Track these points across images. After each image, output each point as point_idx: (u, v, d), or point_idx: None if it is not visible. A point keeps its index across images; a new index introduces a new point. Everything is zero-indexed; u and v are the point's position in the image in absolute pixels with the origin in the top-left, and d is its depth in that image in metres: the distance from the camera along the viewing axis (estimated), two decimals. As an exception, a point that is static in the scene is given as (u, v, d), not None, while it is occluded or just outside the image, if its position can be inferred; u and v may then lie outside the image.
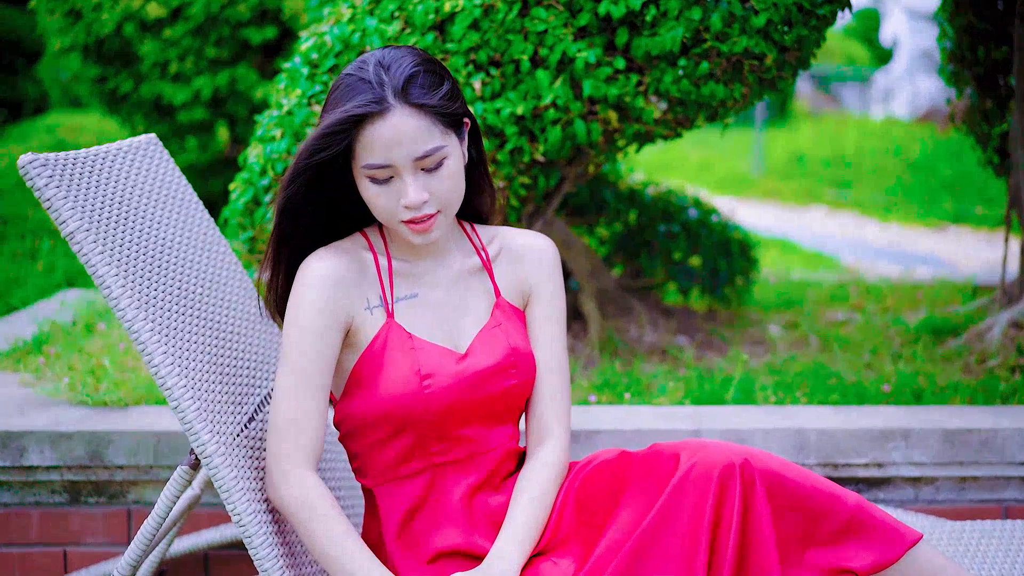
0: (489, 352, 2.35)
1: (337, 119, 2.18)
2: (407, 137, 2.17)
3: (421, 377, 2.27)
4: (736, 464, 2.07)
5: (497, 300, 2.42)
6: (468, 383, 2.31)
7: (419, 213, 2.23)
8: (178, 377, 2.34)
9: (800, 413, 3.37)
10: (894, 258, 9.41)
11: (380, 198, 2.24)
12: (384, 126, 2.17)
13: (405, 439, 2.32)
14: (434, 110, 2.19)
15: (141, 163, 2.75)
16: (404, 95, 2.17)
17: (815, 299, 5.22)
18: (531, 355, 2.40)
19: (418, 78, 2.20)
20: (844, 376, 3.86)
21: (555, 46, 3.38)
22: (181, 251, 2.66)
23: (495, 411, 2.37)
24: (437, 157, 2.21)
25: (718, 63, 3.41)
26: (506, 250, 2.47)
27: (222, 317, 2.68)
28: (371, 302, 2.34)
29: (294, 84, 3.67)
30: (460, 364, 2.32)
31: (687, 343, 4.40)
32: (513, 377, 2.36)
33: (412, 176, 2.21)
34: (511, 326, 2.40)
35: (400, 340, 2.31)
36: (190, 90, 6.86)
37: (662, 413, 3.35)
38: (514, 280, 2.46)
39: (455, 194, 2.27)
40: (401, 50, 2.25)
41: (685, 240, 4.70)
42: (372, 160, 2.20)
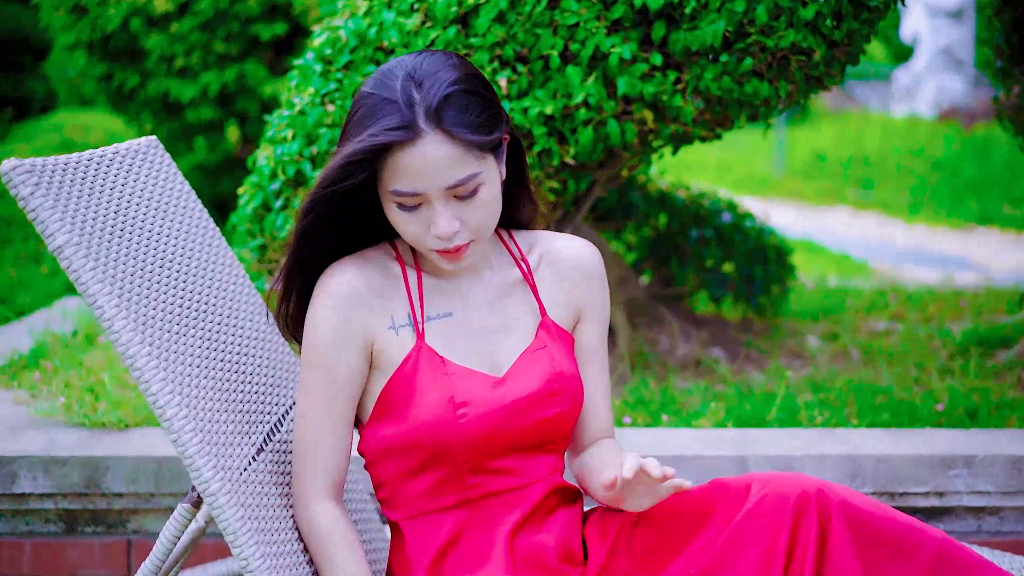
0: (530, 377, 2.12)
1: (359, 148, 1.95)
2: (439, 166, 1.94)
3: (455, 405, 2.06)
4: (811, 494, 1.91)
5: (543, 319, 2.19)
6: (506, 411, 2.09)
7: (451, 244, 2.01)
8: (178, 407, 2.12)
9: (852, 437, 3.13)
10: (922, 260, 9.16)
11: (408, 225, 2.03)
12: (414, 153, 1.94)
13: (438, 471, 2.11)
14: (472, 134, 1.96)
15: (140, 168, 2.52)
16: (437, 119, 1.93)
17: (853, 308, 4.97)
18: (578, 380, 2.17)
19: (455, 99, 1.95)
20: (893, 393, 3.61)
21: (587, 41, 3.14)
22: (183, 265, 2.43)
23: (536, 441, 2.15)
24: (471, 185, 1.98)
25: (762, 59, 3.17)
26: (548, 259, 2.23)
27: (228, 337, 2.45)
28: (397, 320, 2.12)
29: (306, 82, 3.44)
30: (497, 390, 2.10)
31: (722, 356, 4.16)
32: (556, 405, 2.13)
33: (443, 205, 1.98)
34: (556, 348, 2.17)
35: (432, 365, 2.09)
36: (197, 86, 6.63)
37: (703, 437, 3.11)
38: (561, 296, 2.22)
39: (490, 221, 2.04)
40: (435, 60, 2.00)
41: (718, 246, 4.46)
42: (399, 187, 1.98)
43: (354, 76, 3.32)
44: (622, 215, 4.49)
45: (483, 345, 2.14)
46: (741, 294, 4.52)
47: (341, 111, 3.30)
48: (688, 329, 4.31)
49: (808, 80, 3.31)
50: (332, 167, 1.98)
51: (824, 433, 3.15)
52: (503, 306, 2.17)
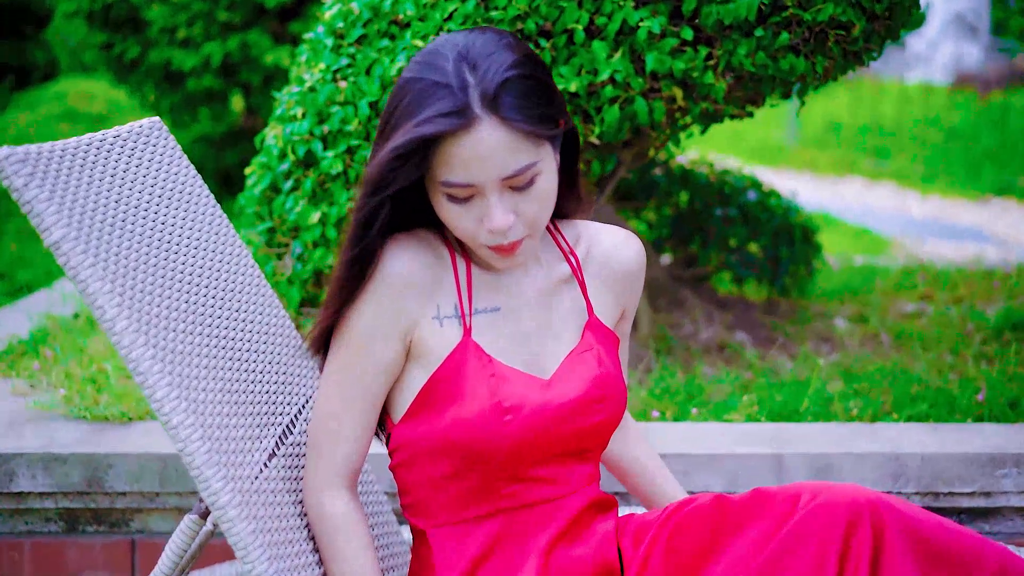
0: (576, 381, 1.97)
1: (409, 139, 1.77)
2: (495, 154, 1.78)
3: (502, 411, 1.91)
4: (864, 505, 1.79)
5: (590, 318, 2.04)
6: (552, 417, 1.94)
7: (505, 240, 1.86)
8: (184, 413, 1.98)
9: (892, 432, 2.97)
10: (940, 232, 8.99)
11: (459, 219, 1.86)
12: (467, 141, 1.77)
13: (473, 478, 1.96)
14: (530, 122, 1.79)
15: (143, 153, 2.37)
16: (494, 105, 1.77)
17: (880, 288, 4.81)
18: (623, 385, 2.03)
19: (513, 84, 1.78)
20: (929, 382, 3.46)
21: (614, 14, 2.97)
22: (189, 257, 2.28)
23: (577, 449, 2.00)
24: (529, 175, 1.82)
25: (799, 33, 3.00)
26: (595, 254, 2.08)
27: (237, 333, 2.31)
28: (442, 311, 1.96)
29: (317, 57, 3.28)
30: (544, 394, 1.95)
31: (747, 340, 4.01)
32: (601, 411, 1.98)
33: (498, 196, 1.82)
34: (603, 350, 2.02)
35: (479, 363, 1.94)
36: (199, 56, 6.43)
37: (735, 432, 2.96)
38: (608, 295, 2.08)
39: (545, 214, 1.88)
40: (488, 40, 1.83)
41: (743, 225, 4.29)
42: (451, 178, 1.81)
43: (367, 51, 3.16)
44: (643, 193, 4.32)
45: (528, 344, 1.99)
46: (765, 275, 4.35)
47: (353, 88, 3.14)
48: (711, 312, 4.15)
49: (846, 55, 3.14)
50: (379, 165, 1.81)
51: (862, 428, 3.00)
52: (550, 303, 2.02)
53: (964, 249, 8.00)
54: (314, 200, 3.18)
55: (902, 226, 9.15)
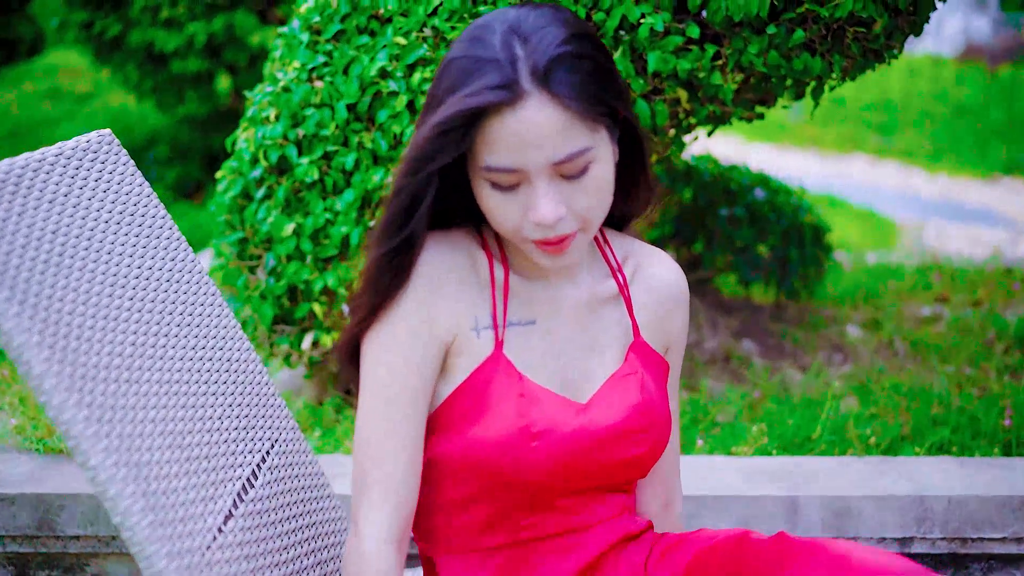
0: (616, 407, 1.75)
1: (453, 112, 1.57)
2: (544, 135, 1.57)
3: (530, 435, 1.69)
4: None
5: (635, 340, 1.82)
6: (585, 445, 1.72)
7: (553, 233, 1.62)
8: (124, 482, 1.76)
9: (914, 469, 2.73)
10: (947, 213, 8.75)
11: (502, 209, 1.64)
12: (514, 119, 1.57)
13: (490, 506, 1.75)
14: (584, 102, 1.58)
15: (88, 172, 2.13)
16: (545, 80, 1.57)
17: (894, 289, 4.56)
18: (667, 414, 1.80)
19: (566, 59, 1.58)
20: (950, 401, 3.22)
21: (613, 10, 2.72)
22: (138, 291, 2.05)
23: (611, 482, 1.79)
24: (582, 162, 1.60)
25: (815, 30, 2.74)
26: (643, 276, 1.86)
27: (192, 376, 2.08)
28: (480, 321, 1.75)
29: (292, 54, 3.02)
30: (578, 419, 1.72)
31: (754, 349, 3.77)
32: (643, 442, 1.76)
33: (546, 184, 1.60)
34: (649, 376, 1.80)
35: (508, 380, 1.72)
36: (183, 36, 6.16)
37: (745, 468, 2.72)
38: (655, 320, 1.86)
39: (601, 209, 1.65)
40: (542, 14, 1.63)
41: (750, 225, 4.03)
42: (495, 162, 1.59)
43: (345, 48, 2.90)
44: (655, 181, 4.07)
45: (564, 363, 1.78)
46: (773, 277, 4.10)
47: (330, 88, 2.88)
48: (716, 318, 3.91)
49: (866, 53, 2.88)
50: (421, 140, 1.61)
51: (882, 463, 2.76)
52: (592, 321, 1.81)
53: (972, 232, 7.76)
54: (288, 210, 2.93)
55: (908, 207, 8.90)
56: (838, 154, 11.31)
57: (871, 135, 11.74)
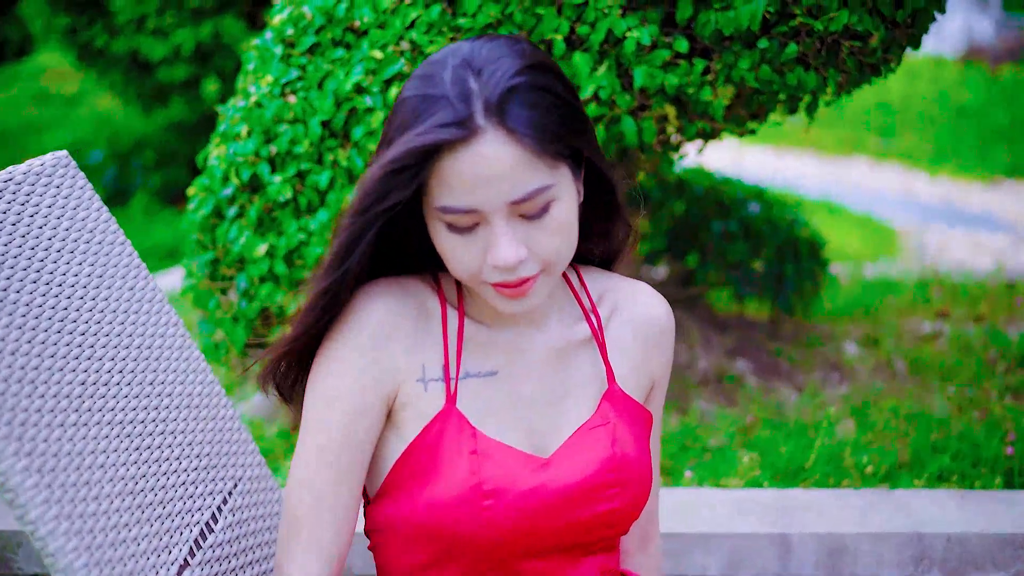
0: (584, 461, 1.63)
1: (404, 151, 1.47)
2: (501, 173, 1.48)
3: (483, 494, 1.57)
4: None
5: (609, 387, 1.69)
6: (546, 503, 1.60)
7: (513, 276, 1.51)
8: (66, 536, 1.66)
9: (913, 503, 2.61)
10: (948, 218, 8.62)
11: (459, 252, 1.53)
12: (468, 157, 1.47)
13: (452, 570, 1.64)
14: (542, 137, 1.47)
15: (41, 198, 2.03)
16: (500, 114, 1.47)
17: (893, 305, 4.44)
18: (647, 468, 1.68)
19: (522, 92, 1.49)
20: (950, 425, 3.11)
21: (598, 23, 2.61)
22: (91, 325, 1.95)
23: (584, 542, 1.66)
24: (541, 201, 1.50)
25: (809, 44, 2.63)
26: (622, 312, 1.74)
27: (148, 415, 1.97)
28: (428, 372, 1.64)
29: (265, 68, 2.90)
30: (538, 476, 1.60)
31: (748, 369, 3.65)
32: (616, 498, 1.63)
33: (505, 224, 1.49)
34: (623, 426, 1.67)
35: (460, 436, 1.61)
36: (169, 45, 6.04)
37: (735, 502, 2.60)
38: (637, 361, 1.73)
39: (564, 250, 1.54)
40: (496, 45, 1.53)
41: (744, 240, 3.91)
42: (451, 202, 1.49)
43: (320, 62, 2.79)
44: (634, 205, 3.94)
45: (530, 415, 1.66)
46: (768, 292, 3.98)
47: (304, 104, 2.77)
48: (709, 335, 3.79)
49: (862, 68, 2.77)
50: (371, 180, 1.50)
51: (878, 497, 2.64)
52: (562, 368, 1.69)
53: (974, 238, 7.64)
54: (260, 229, 2.82)
55: (908, 212, 8.78)
56: (838, 157, 11.19)
57: (871, 137, 11.61)
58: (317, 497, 1.64)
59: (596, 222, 1.66)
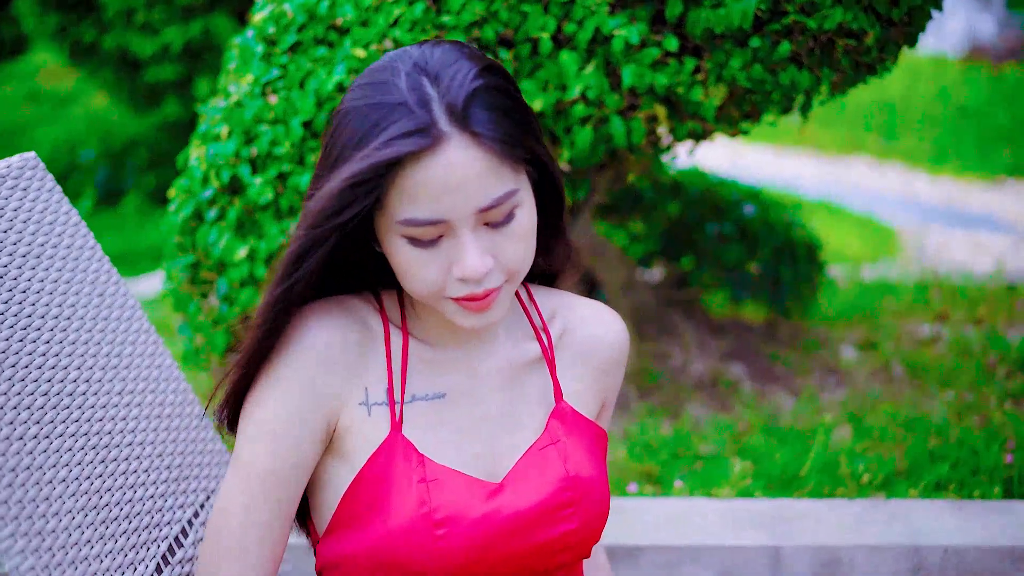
0: (536, 483, 1.57)
1: (366, 166, 1.40)
2: (469, 180, 1.42)
3: (433, 523, 1.51)
4: None
5: (556, 405, 1.63)
6: (501, 530, 1.54)
7: (479, 287, 1.45)
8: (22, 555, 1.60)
9: (910, 513, 2.54)
10: (949, 219, 8.54)
11: (421, 267, 1.46)
12: (435, 165, 1.40)
13: None
14: (506, 140, 1.43)
15: (7, 201, 1.99)
16: (464, 119, 1.41)
17: (892, 308, 4.37)
18: (602, 485, 1.62)
19: (483, 96, 1.43)
20: (948, 432, 3.04)
21: (585, 21, 2.54)
22: (56, 332, 1.89)
23: (543, 567, 1.59)
24: (508, 207, 1.45)
25: (802, 43, 2.56)
26: (572, 331, 1.69)
27: (116, 424, 1.91)
28: (371, 396, 1.57)
29: (246, 67, 2.83)
30: (491, 502, 1.54)
31: (743, 373, 3.58)
32: (572, 518, 1.57)
33: (472, 234, 1.44)
34: (574, 444, 1.61)
35: (407, 464, 1.54)
36: (158, 42, 5.96)
37: (727, 512, 2.53)
38: (587, 382, 1.68)
39: (527, 259, 1.50)
40: (447, 50, 1.48)
41: (739, 242, 3.84)
42: (415, 214, 1.42)
43: (301, 61, 2.72)
44: (627, 205, 3.88)
45: (481, 439, 1.59)
46: (764, 295, 3.92)
47: (285, 104, 2.70)
48: (704, 338, 3.73)
49: (857, 67, 2.70)
50: (328, 195, 1.43)
51: (874, 507, 2.57)
52: (512, 388, 1.63)
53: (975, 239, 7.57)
54: (240, 232, 2.75)
55: (909, 212, 8.70)
56: (838, 156, 11.11)
57: (872, 137, 11.53)
58: (245, 529, 1.57)
59: (541, 234, 1.60)
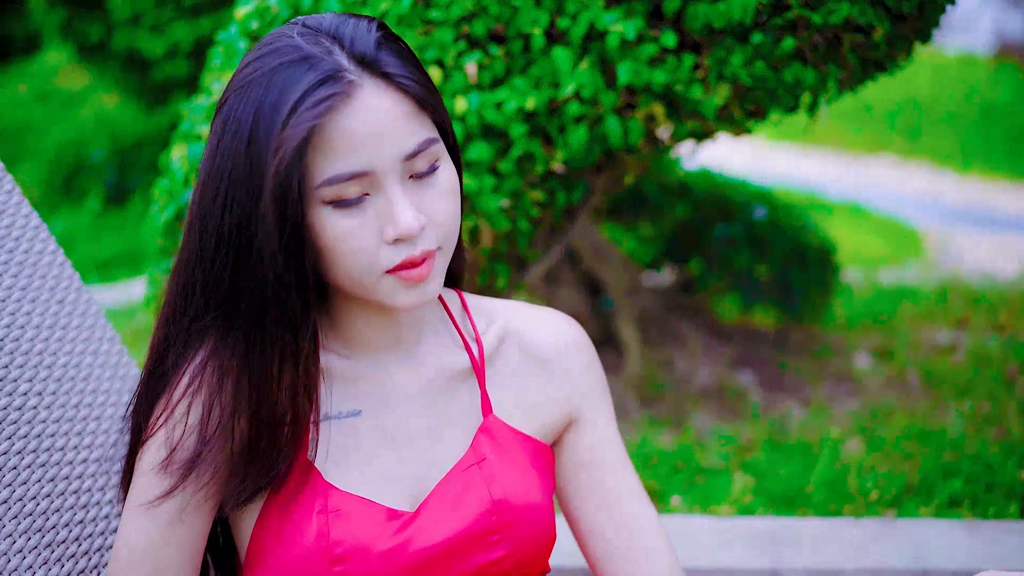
0: (455, 509, 1.43)
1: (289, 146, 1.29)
2: (389, 124, 1.33)
3: (331, 559, 1.38)
4: None
5: (484, 419, 1.49)
6: (410, 565, 1.40)
7: (415, 249, 1.33)
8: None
9: (917, 534, 2.41)
10: (975, 220, 8.37)
11: (353, 235, 1.33)
12: (351, 113, 1.31)
13: None
14: (418, 87, 1.36)
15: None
16: (374, 63, 1.34)
17: (909, 314, 4.23)
18: (540, 509, 1.47)
19: (387, 44, 1.36)
20: (964, 445, 2.91)
21: (579, 15, 2.43)
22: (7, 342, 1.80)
23: None
24: (431, 156, 1.37)
25: (807, 38, 2.43)
26: (513, 339, 1.56)
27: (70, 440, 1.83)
28: None
29: (230, 64, 2.73)
30: (400, 535, 1.41)
31: (752, 381, 3.46)
32: (499, 546, 1.43)
33: (400, 188, 1.34)
34: (504, 462, 1.47)
35: (310, 492, 1.41)
36: (166, 41, 5.87)
37: (724, 531, 2.41)
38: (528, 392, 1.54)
39: (455, 222, 1.40)
40: (333, 15, 1.40)
41: (749, 246, 3.71)
42: (338, 169, 1.31)
43: (285, 57, 2.61)
44: (632, 207, 3.75)
45: (402, 460, 1.46)
46: (776, 300, 3.78)
47: (268, 102, 2.59)
48: (711, 345, 3.61)
49: (865, 64, 2.57)
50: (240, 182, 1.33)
51: (880, 527, 2.44)
52: (438, 403, 1.50)
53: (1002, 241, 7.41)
54: (223, 236, 2.65)
55: (935, 214, 8.54)
56: (863, 156, 10.94)
57: (897, 136, 11.35)
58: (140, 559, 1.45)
59: None
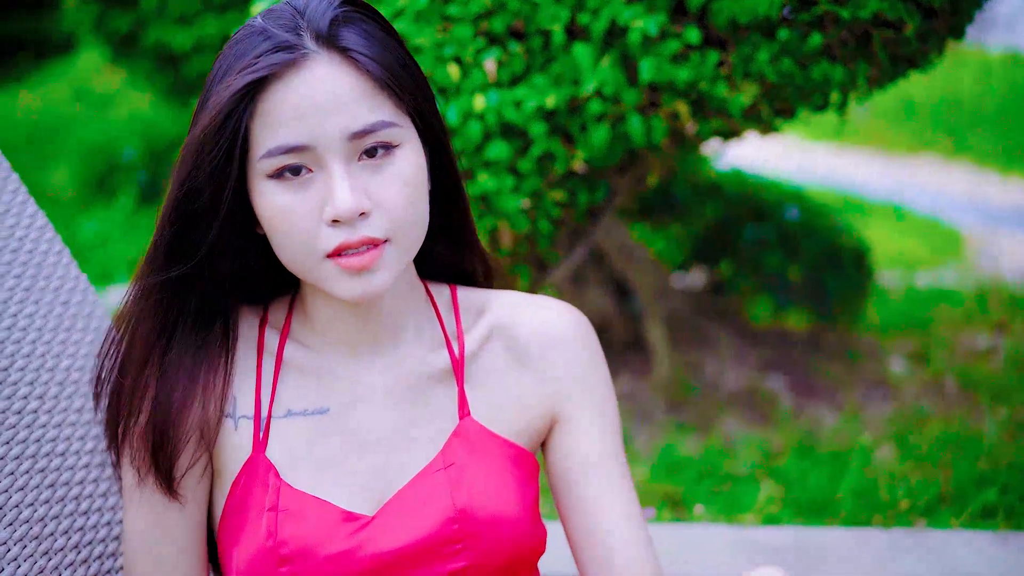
0: (415, 515, 1.37)
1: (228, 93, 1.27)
2: (337, 99, 1.29)
3: (277, 559, 1.34)
4: None
5: (460, 422, 1.42)
6: (359, 570, 1.34)
7: (355, 234, 1.28)
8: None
9: (946, 546, 2.34)
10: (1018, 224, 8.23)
11: (292, 213, 1.30)
12: (299, 83, 1.28)
13: None
14: (379, 66, 1.31)
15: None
16: (331, 38, 1.31)
17: (947, 318, 4.13)
18: (516, 516, 1.39)
19: (353, 21, 1.33)
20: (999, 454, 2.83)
21: (600, 11, 2.37)
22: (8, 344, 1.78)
23: None
24: (384, 137, 1.30)
25: (835, 34, 2.36)
26: (500, 334, 1.48)
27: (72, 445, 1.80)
28: (239, 407, 1.43)
29: (246, 60, 2.69)
30: (353, 538, 1.35)
31: (782, 386, 3.39)
32: (459, 556, 1.36)
33: (343, 167, 1.29)
34: (475, 468, 1.40)
35: (262, 490, 1.38)
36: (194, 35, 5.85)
37: (747, 542, 2.35)
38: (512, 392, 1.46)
39: (411, 213, 1.33)
40: None
41: (781, 248, 3.63)
42: (279, 140, 1.28)
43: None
44: (662, 207, 3.68)
45: (369, 462, 1.41)
46: (809, 303, 3.71)
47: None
48: (742, 349, 3.54)
49: (896, 60, 2.49)
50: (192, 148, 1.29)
51: (908, 538, 2.37)
52: (414, 404, 1.44)
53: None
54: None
55: (976, 216, 8.40)
56: (904, 155, 10.81)
57: (940, 137, 11.21)
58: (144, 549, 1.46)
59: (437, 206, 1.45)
